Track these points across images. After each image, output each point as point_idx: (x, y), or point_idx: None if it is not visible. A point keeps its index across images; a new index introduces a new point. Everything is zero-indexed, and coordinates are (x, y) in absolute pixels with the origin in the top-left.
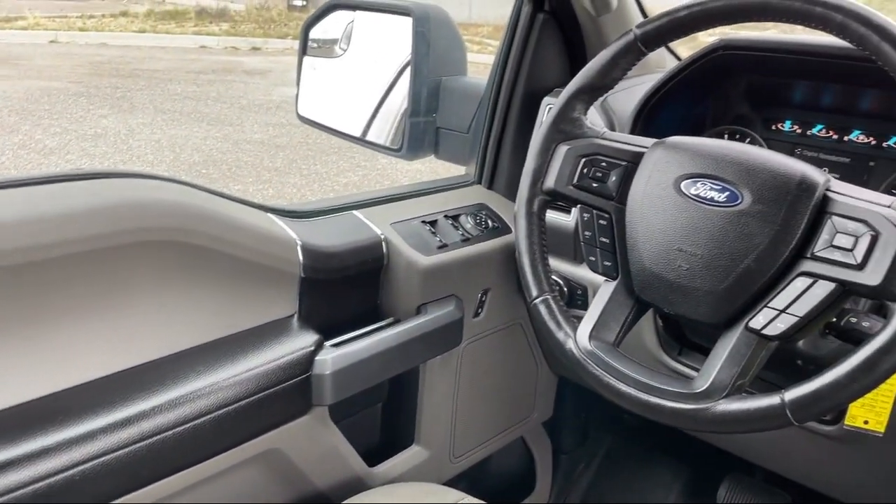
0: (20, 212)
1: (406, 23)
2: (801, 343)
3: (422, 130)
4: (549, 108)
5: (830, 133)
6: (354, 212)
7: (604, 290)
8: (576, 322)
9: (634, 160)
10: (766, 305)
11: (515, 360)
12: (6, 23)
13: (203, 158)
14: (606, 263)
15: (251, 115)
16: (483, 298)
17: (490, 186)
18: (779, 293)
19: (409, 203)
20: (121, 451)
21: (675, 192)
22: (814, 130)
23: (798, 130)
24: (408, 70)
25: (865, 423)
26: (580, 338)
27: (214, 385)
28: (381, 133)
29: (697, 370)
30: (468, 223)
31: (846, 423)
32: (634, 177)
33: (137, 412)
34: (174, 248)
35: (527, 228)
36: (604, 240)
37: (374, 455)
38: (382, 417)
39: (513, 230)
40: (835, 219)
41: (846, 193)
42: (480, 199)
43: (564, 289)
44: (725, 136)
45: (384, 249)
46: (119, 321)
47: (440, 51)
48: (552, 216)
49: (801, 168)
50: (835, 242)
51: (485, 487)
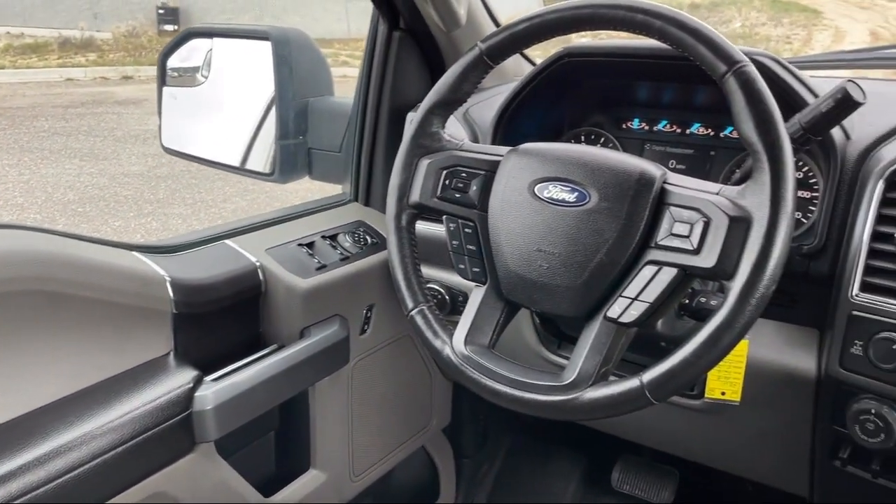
0: None
1: (265, 47)
2: (661, 326)
3: (293, 153)
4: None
5: (674, 128)
6: (227, 241)
7: (475, 296)
8: (452, 329)
9: (492, 168)
10: (621, 295)
11: (409, 372)
12: None
13: (78, 196)
14: (475, 270)
15: (127, 147)
16: (368, 315)
17: (367, 203)
18: (630, 282)
19: (285, 227)
20: None
21: (531, 196)
22: (659, 126)
23: (646, 127)
24: (273, 94)
25: (723, 395)
26: (456, 344)
27: (88, 434)
28: (252, 158)
29: None
30: (346, 241)
31: (707, 396)
32: (493, 184)
33: (3, 473)
34: (33, 298)
35: (397, 243)
36: (471, 247)
37: (271, 484)
38: (276, 445)
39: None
40: (672, 209)
41: (681, 184)
42: (358, 217)
43: (446, 297)
44: (582, 139)
45: (261, 276)
46: None
47: (304, 72)
48: (428, 227)
49: (640, 164)
50: (674, 231)
51: (389, 501)
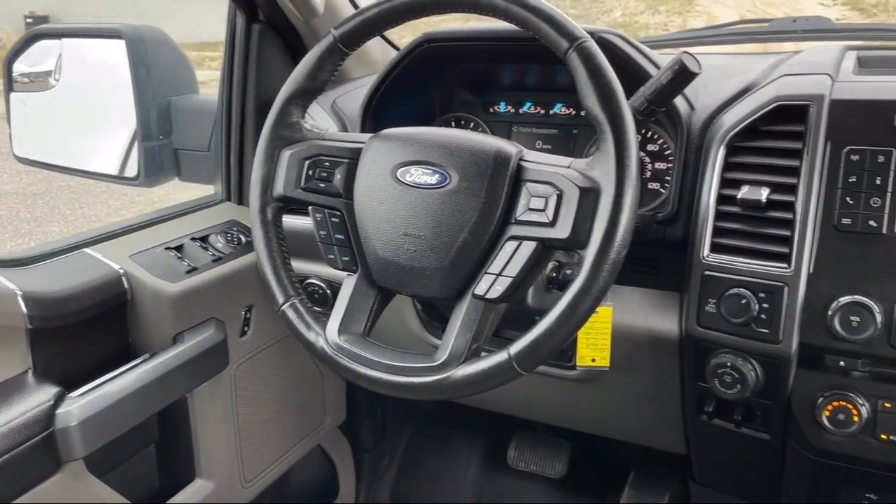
0: None
1: (119, 46)
2: (532, 300)
3: (158, 154)
4: None
5: (538, 109)
6: (87, 250)
7: (347, 285)
8: (326, 321)
9: (354, 156)
10: (486, 272)
11: (298, 371)
12: None
13: None
14: (345, 259)
15: None
16: (247, 316)
17: (240, 201)
18: (494, 259)
19: (151, 231)
20: None
21: (394, 181)
22: (524, 109)
23: (512, 110)
24: (131, 94)
25: (593, 361)
26: (329, 334)
27: None
28: (114, 163)
29: None
30: (219, 242)
31: (578, 364)
32: (356, 172)
33: None
34: None
35: (264, 237)
36: (339, 236)
37: (155, 498)
38: (158, 457)
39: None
40: (529, 185)
41: (536, 161)
42: (231, 216)
43: (328, 291)
44: (452, 124)
45: (125, 284)
46: None
47: (163, 71)
48: (301, 221)
49: (496, 144)
50: (531, 206)
51: (287, 503)
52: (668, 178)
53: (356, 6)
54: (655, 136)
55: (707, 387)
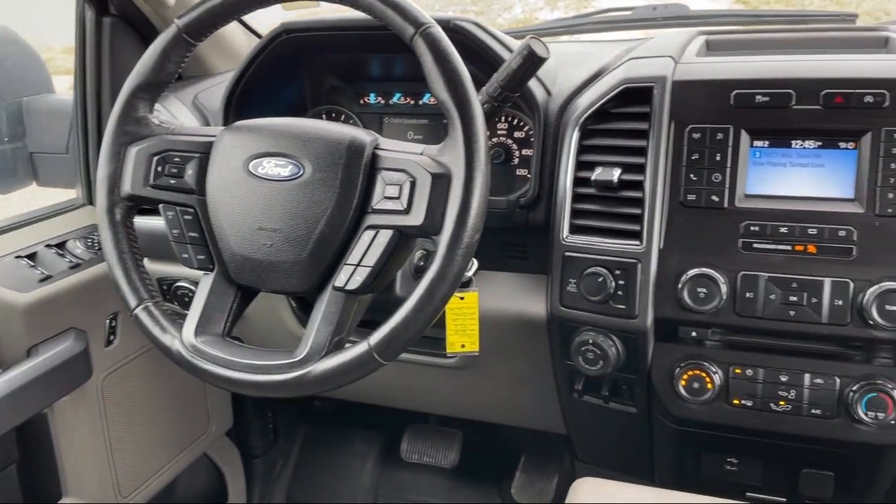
0: None
1: None
2: (399, 289)
3: (10, 159)
4: None
5: (408, 99)
6: None
7: (203, 284)
8: (183, 323)
9: (206, 150)
10: (345, 263)
11: (176, 378)
12: None
13: None
14: (200, 257)
15: None
16: (113, 324)
17: None
18: (353, 250)
19: (1, 240)
20: None
21: (246, 174)
22: (394, 99)
23: (382, 101)
24: None
25: (463, 347)
26: (186, 336)
27: None
28: None
29: None
30: (78, 248)
31: (448, 351)
32: (208, 166)
33: None
34: None
35: (113, 239)
36: (193, 234)
37: None
38: (20, 478)
39: None
40: (384, 173)
41: (390, 149)
42: (92, 221)
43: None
44: (323, 117)
45: None
46: None
47: (10, 70)
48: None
49: (350, 133)
50: (386, 194)
51: None
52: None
53: None
54: (522, 123)
55: (573, 365)
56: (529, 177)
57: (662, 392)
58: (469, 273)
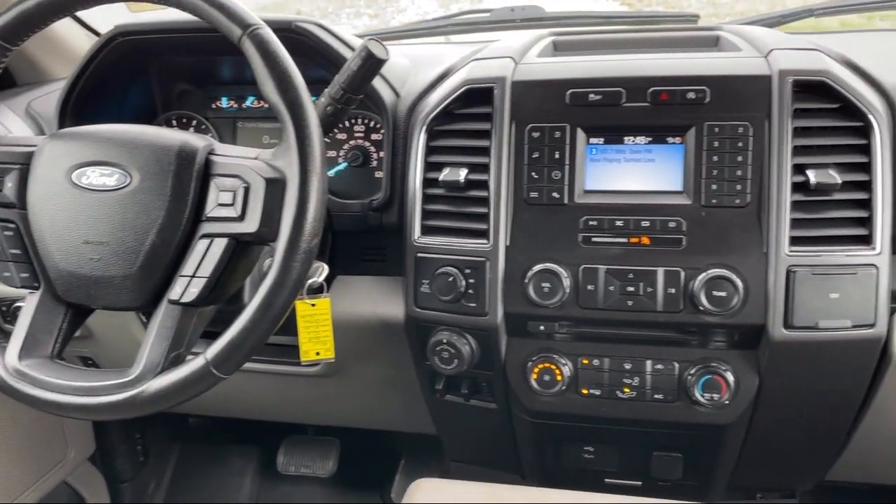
0: None
1: None
2: (248, 299)
3: None
4: None
5: (261, 103)
6: None
7: (29, 304)
8: (6, 345)
9: (26, 160)
10: (179, 275)
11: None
12: None
13: None
14: (23, 275)
15: None
16: None
17: None
18: (187, 261)
19: None
20: None
21: (70, 185)
22: (248, 103)
23: (235, 105)
24: None
25: (318, 354)
26: (8, 360)
27: None
28: None
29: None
30: None
31: (302, 359)
32: (29, 178)
33: None
34: None
35: None
36: (14, 251)
37: None
38: None
39: None
40: (217, 179)
41: (224, 154)
42: None
43: None
44: (174, 123)
45: None
46: None
47: None
48: None
49: (181, 138)
50: (220, 201)
51: None
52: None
53: None
54: (378, 126)
55: (431, 365)
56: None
57: (517, 386)
58: (319, 279)
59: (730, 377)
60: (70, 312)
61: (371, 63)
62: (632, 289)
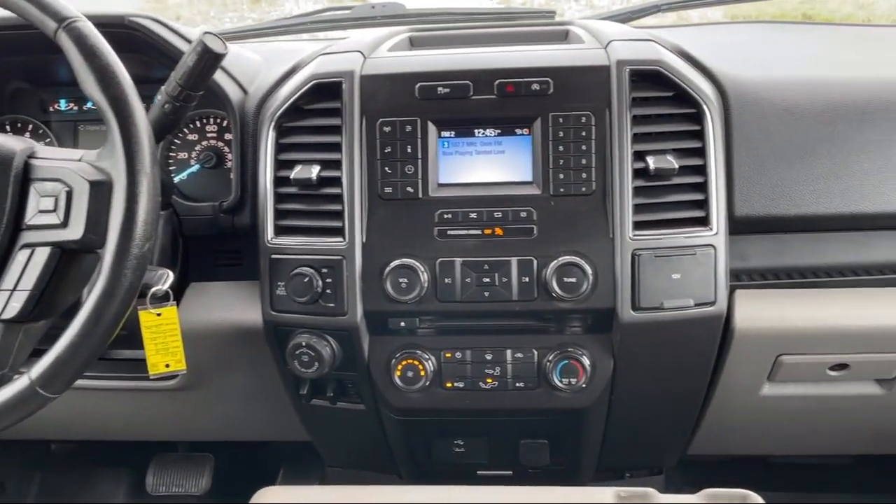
0: None
1: None
2: None
3: None
4: None
5: None
6: None
7: None
8: None
9: None
10: None
11: None
12: None
13: None
14: None
15: None
16: None
17: None
18: (7, 273)
19: None
20: None
21: None
22: (89, 104)
23: (75, 107)
24: None
25: (167, 367)
26: None
27: None
28: None
29: None
30: None
31: (151, 373)
32: None
33: None
34: None
35: None
36: None
37: None
38: None
39: None
40: (37, 184)
41: (48, 157)
42: None
43: None
44: (7, 128)
45: None
46: None
47: None
48: None
49: None
50: (41, 207)
51: None
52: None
53: None
54: (231, 125)
55: (291, 369)
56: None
57: (382, 385)
58: (163, 286)
59: (586, 361)
60: None
61: (208, 58)
62: (488, 280)
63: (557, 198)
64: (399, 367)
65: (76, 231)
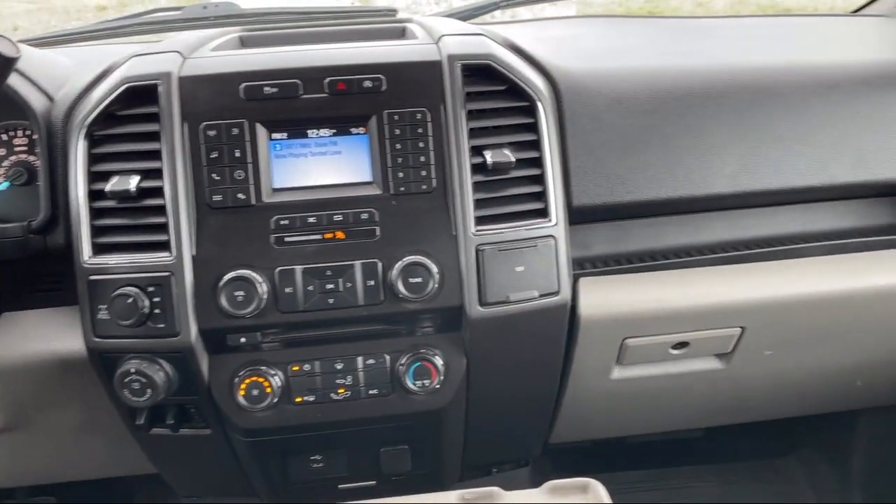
0: None
1: None
2: None
3: None
4: None
5: None
6: None
7: None
8: None
9: None
10: None
11: None
12: None
13: None
14: None
15: None
16: None
17: None
18: None
19: None
20: None
21: None
22: None
23: None
24: None
25: None
26: None
27: None
28: None
29: None
30: None
31: None
32: None
33: None
34: None
35: None
36: None
37: None
38: None
39: None
40: None
41: None
42: None
43: None
44: None
45: None
46: None
47: None
48: None
49: None
50: None
51: None
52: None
53: None
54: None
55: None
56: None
57: (226, 406)
58: None
59: (438, 361)
60: None
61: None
62: (331, 286)
63: (398, 197)
64: (243, 386)
65: None
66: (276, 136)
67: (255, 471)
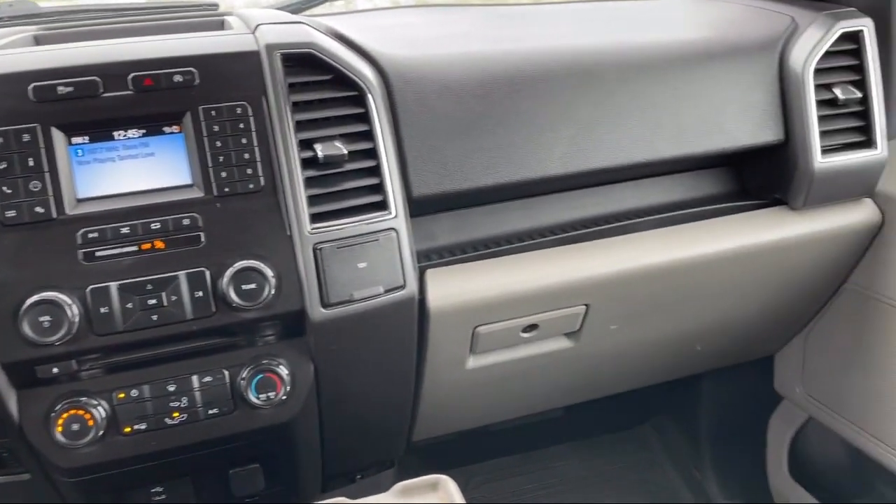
0: None
1: None
2: None
3: None
4: None
5: None
6: None
7: None
8: None
9: None
10: None
11: None
12: None
13: None
14: None
15: None
16: None
17: None
18: None
19: None
20: None
21: None
22: None
23: None
24: None
25: None
26: None
27: None
28: None
29: None
30: None
31: None
32: None
33: None
34: None
35: None
36: None
37: None
38: None
39: None
40: None
41: None
42: None
43: None
44: None
45: None
46: None
47: None
48: None
49: None
50: None
51: None
52: None
53: None
54: None
55: None
56: None
57: (42, 446)
58: None
59: (283, 371)
60: None
61: None
62: (154, 301)
63: (223, 198)
64: (60, 422)
65: None
66: (77, 141)
67: None
